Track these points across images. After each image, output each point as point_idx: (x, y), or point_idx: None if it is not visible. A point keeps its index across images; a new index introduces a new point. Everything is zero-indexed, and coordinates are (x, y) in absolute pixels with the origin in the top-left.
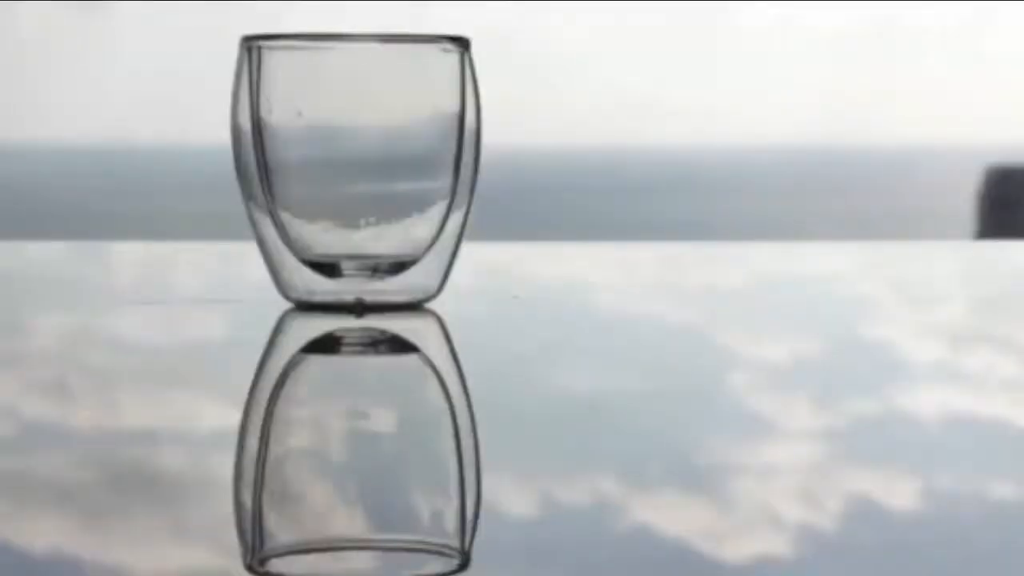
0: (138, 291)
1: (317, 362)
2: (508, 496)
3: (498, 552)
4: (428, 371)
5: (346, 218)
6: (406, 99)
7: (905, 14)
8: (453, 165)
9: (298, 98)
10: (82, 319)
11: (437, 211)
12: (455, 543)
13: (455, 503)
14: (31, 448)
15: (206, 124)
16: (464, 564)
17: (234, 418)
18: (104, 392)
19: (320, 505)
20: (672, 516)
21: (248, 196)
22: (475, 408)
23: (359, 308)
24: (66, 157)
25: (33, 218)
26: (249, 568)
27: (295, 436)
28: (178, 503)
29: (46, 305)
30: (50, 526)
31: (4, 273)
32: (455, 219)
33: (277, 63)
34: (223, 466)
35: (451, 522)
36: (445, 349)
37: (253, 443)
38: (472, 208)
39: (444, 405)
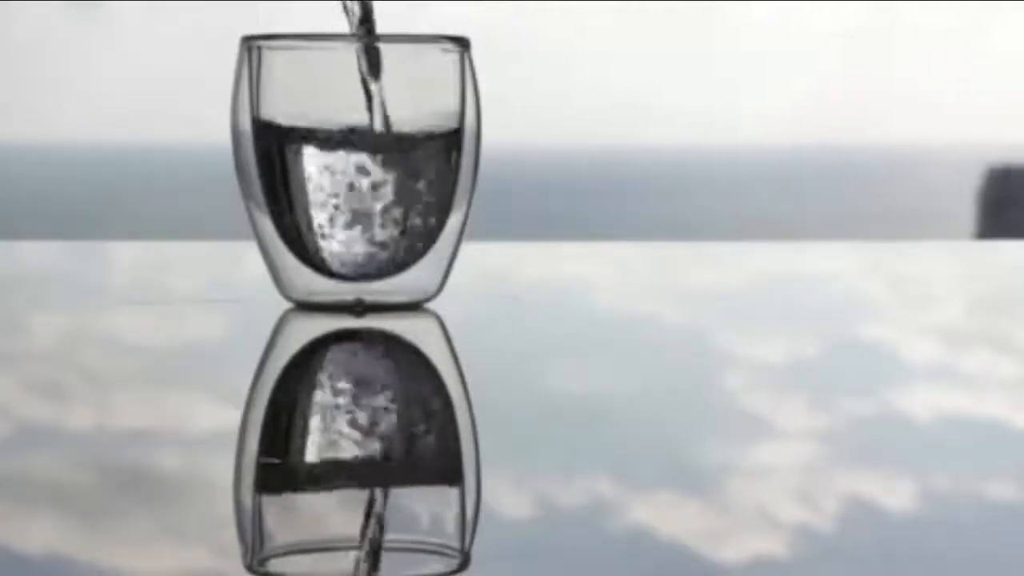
0: (137, 291)
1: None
2: (508, 496)
3: (498, 552)
4: (428, 370)
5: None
6: (406, 99)
7: (905, 14)
8: (453, 165)
9: (298, 98)
10: (81, 319)
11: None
12: (455, 543)
13: (455, 503)
14: (28, 449)
15: (206, 124)
16: (464, 564)
17: (234, 418)
18: (103, 392)
19: (320, 505)
20: (670, 516)
21: (248, 196)
22: (475, 408)
23: (359, 308)
24: (65, 157)
25: (32, 218)
26: (249, 568)
27: (295, 436)
28: (178, 504)
29: (45, 305)
30: (48, 527)
31: (3, 273)
32: (455, 219)
33: (277, 63)
34: (223, 466)
35: (451, 522)
36: (445, 349)
37: (253, 443)
38: (472, 208)
39: (444, 404)
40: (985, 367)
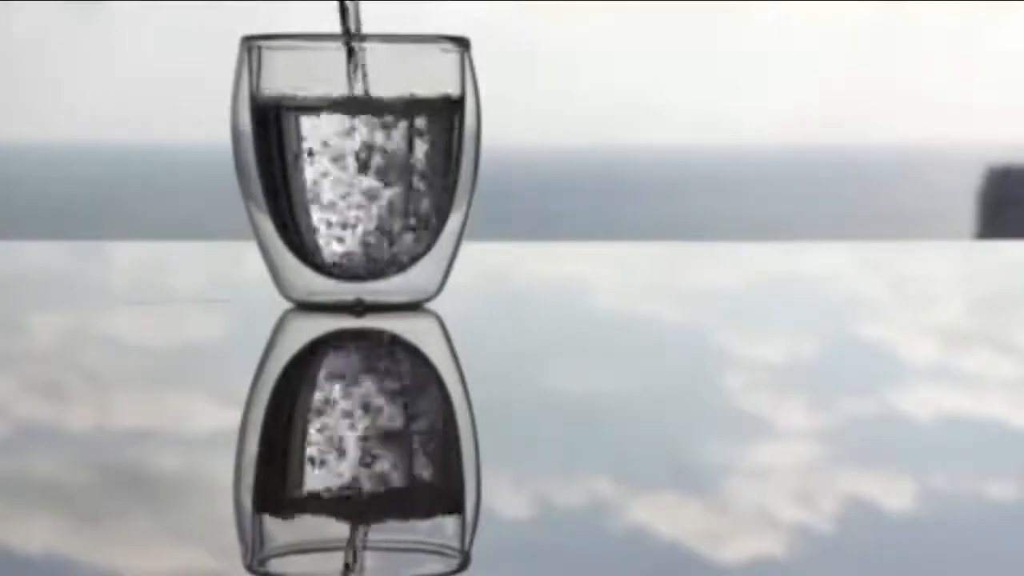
0: (137, 291)
1: (317, 360)
2: (508, 496)
3: (498, 552)
4: (428, 371)
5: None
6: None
7: (907, 14)
8: (453, 165)
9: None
10: (81, 319)
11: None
12: (455, 543)
13: (455, 503)
14: (28, 449)
15: (206, 124)
16: (464, 564)
17: (234, 418)
18: (103, 392)
19: (319, 503)
20: (670, 516)
21: (248, 196)
22: (475, 408)
23: (359, 308)
24: (65, 157)
25: (32, 218)
26: (249, 568)
27: (295, 436)
28: (178, 504)
29: (45, 305)
30: (48, 527)
31: (3, 273)
32: (455, 219)
33: (277, 63)
34: (223, 466)
35: (451, 522)
36: (445, 349)
37: (253, 443)
38: (472, 208)
39: (444, 405)
40: (985, 367)
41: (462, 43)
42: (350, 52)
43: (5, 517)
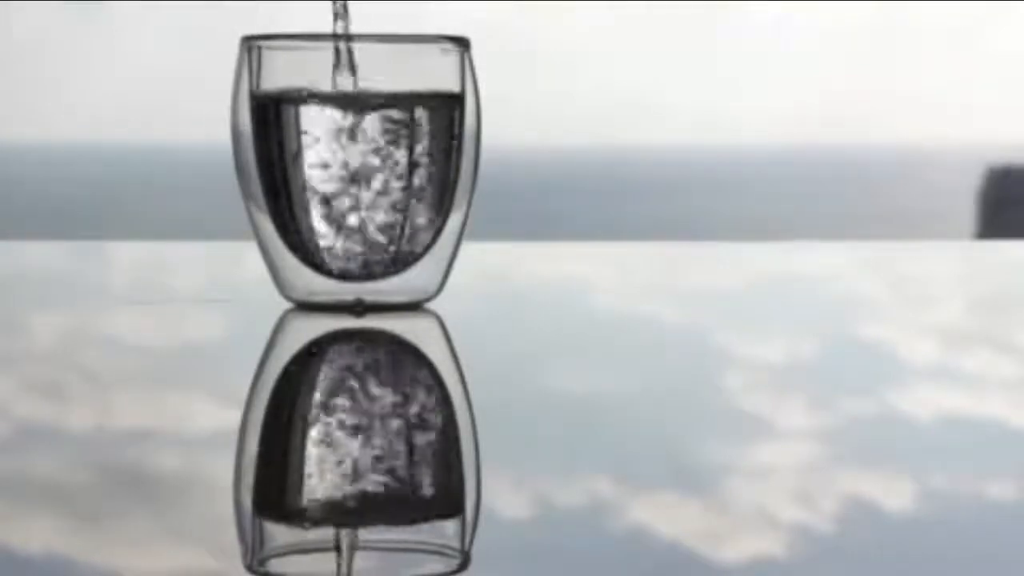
0: (137, 291)
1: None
2: (508, 496)
3: (498, 552)
4: (427, 372)
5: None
6: None
7: (906, 14)
8: (453, 165)
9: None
10: (81, 319)
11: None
12: (455, 543)
13: (455, 503)
14: (28, 449)
15: (206, 124)
16: (464, 564)
17: (234, 418)
18: (103, 392)
19: (320, 503)
20: (670, 516)
21: (248, 196)
22: (475, 408)
23: (359, 308)
24: (65, 157)
25: (32, 218)
26: (249, 568)
27: (295, 436)
28: (178, 504)
29: (45, 305)
30: (48, 527)
31: (3, 273)
32: (455, 219)
33: (277, 63)
34: (223, 466)
35: (451, 522)
36: (445, 349)
37: (253, 444)
38: (472, 208)
39: (444, 404)
40: (985, 367)
41: (462, 43)
42: (336, 52)
43: (5, 517)
